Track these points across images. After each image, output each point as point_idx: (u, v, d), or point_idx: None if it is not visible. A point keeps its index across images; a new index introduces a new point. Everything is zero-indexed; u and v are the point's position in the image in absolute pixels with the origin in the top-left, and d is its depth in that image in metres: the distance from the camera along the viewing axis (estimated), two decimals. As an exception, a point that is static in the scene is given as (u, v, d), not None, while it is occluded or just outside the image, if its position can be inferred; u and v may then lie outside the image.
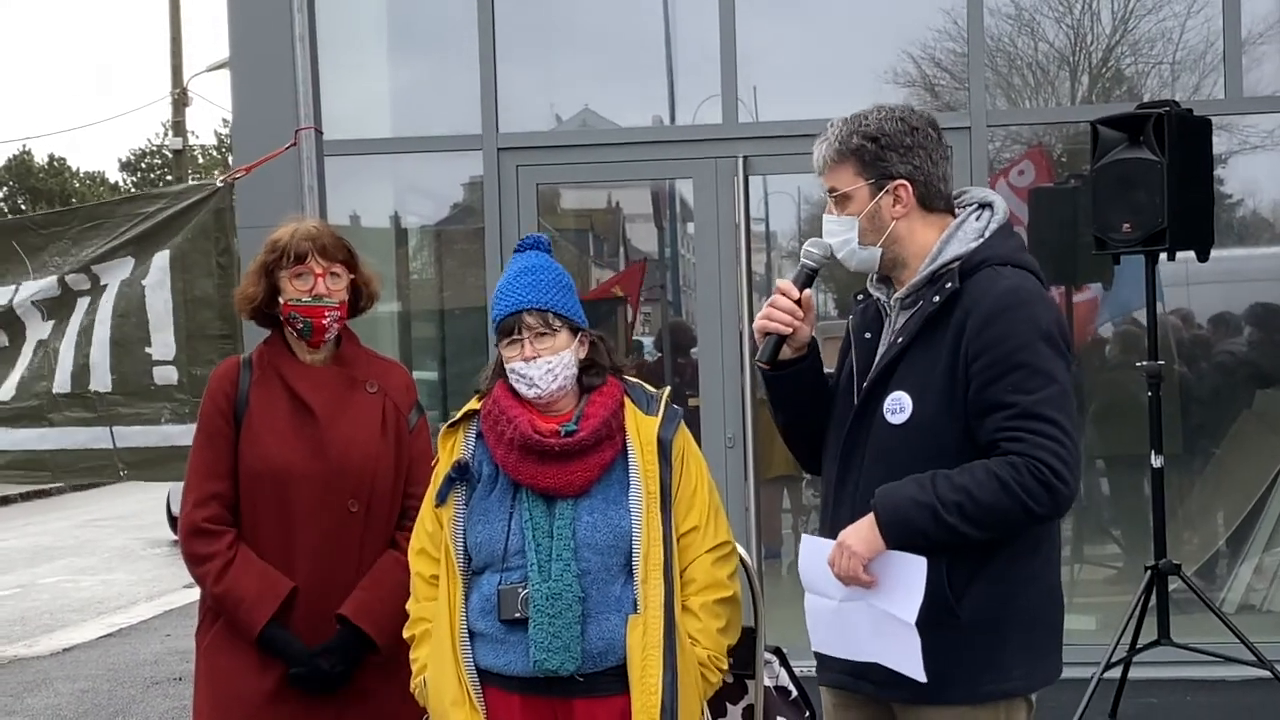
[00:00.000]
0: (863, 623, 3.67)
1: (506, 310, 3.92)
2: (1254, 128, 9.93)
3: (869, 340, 3.88)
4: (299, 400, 4.52)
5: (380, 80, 10.55)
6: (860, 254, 3.81)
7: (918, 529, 3.53)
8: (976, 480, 3.50)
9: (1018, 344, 3.57)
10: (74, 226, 6.25)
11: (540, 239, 4.11)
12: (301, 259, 4.51)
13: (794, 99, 9.71)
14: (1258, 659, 7.49)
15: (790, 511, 10.75)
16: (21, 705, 9.97)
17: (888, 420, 3.71)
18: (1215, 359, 10.14)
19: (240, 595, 4.41)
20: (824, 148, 3.83)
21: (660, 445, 3.92)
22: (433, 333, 10.99)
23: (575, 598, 3.77)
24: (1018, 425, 3.52)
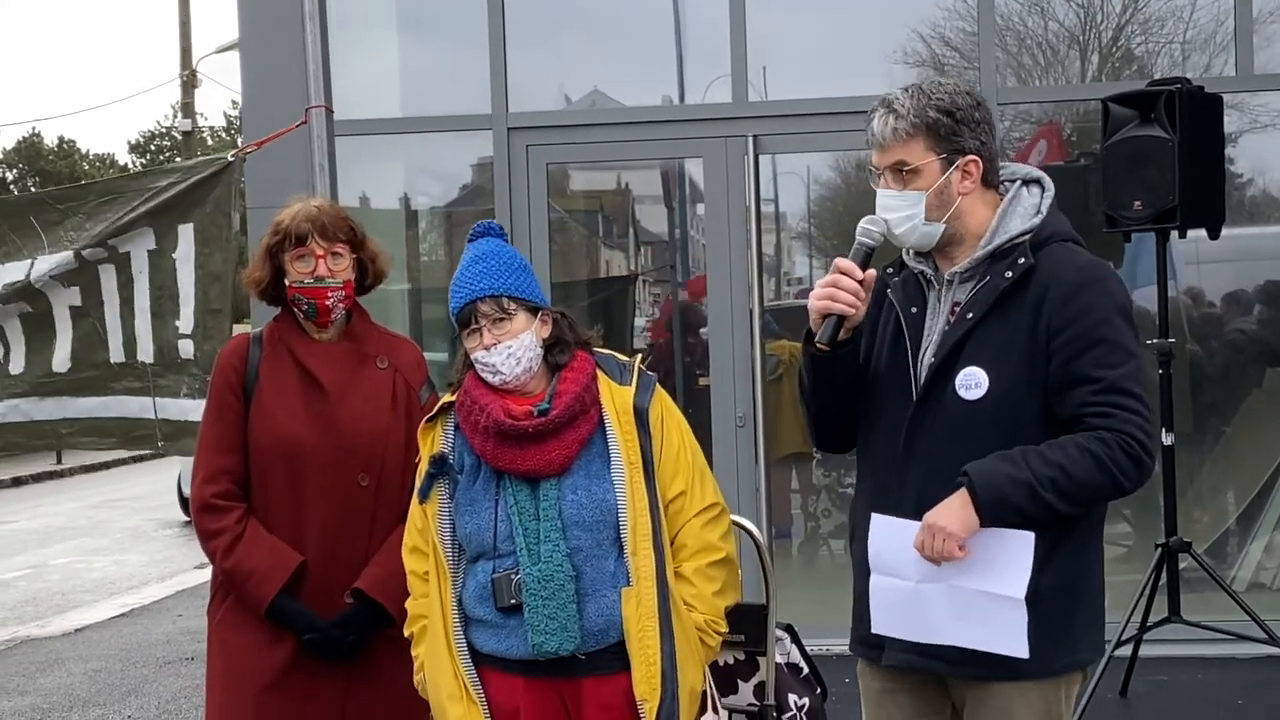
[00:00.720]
0: (940, 605, 3.66)
1: (461, 302, 3.90)
2: (1264, 106, 9.91)
3: (916, 315, 3.83)
4: (309, 376, 4.53)
5: (390, 60, 10.54)
6: (923, 230, 3.74)
7: (1013, 505, 3.52)
8: (1069, 456, 3.51)
9: (1100, 318, 3.59)
10: (89, 201, 6.27)
11: (491, 225, 4.05)
12: (302, 241, 4.51)
13: (803, 78, 9.67)
14: (1269, 636, 7.50)
15: (799, 492, 10.73)
16: (34, 685, 10.00)
17: (961, 396, 3.67)
18: (1226, 337, 10.12)
19: (249, 569, 4.43)
20: (891, 120, 3.72)
21: (637, 414, 3.90)
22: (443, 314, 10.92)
23: (568, 577, 3.77)
24: (1105, 400, 3.54)
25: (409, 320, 10.51)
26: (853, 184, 10.73)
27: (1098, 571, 3.80)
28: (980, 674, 3.69)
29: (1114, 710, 7.69)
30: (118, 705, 9.31)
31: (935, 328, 3.79)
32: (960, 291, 3.77)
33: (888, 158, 3.75)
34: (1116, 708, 7.74)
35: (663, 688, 3.74)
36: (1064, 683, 3.75)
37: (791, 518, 10.57)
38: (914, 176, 3.72)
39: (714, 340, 9.57)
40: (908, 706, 3.92)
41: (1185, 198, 7.36)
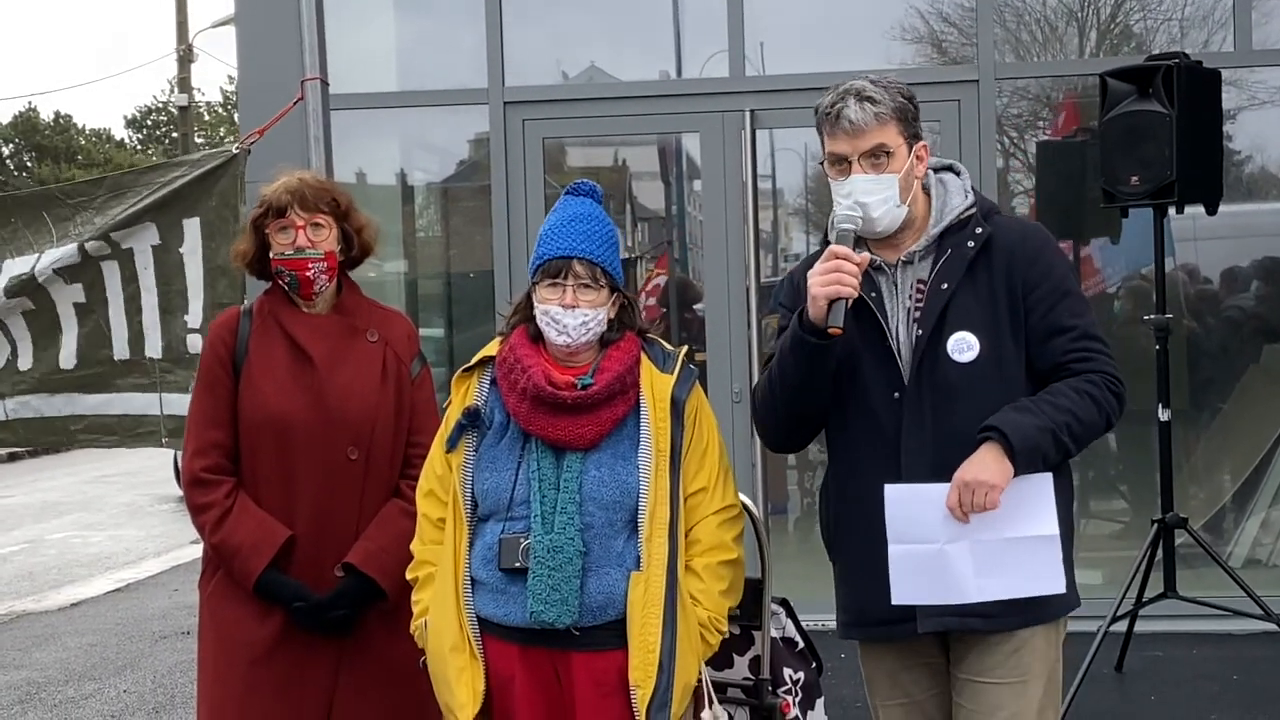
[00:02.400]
0: (966, 564, 3.75)
1: (557, 252, 3.89)
2: (1263, 83, 9.91)
3: (877, 299, 3.89)
4: (298, 349, 4.52)
5: (386, 34, 10.53)
6: (895, 213, 3.88)
7: (1042, 452, 3.70)
8: (1075, 401, 3.74)
9: (1062, 273, 3.92)
10: (99, 196, 6.28)
11: (594, 187, 4.05)
12: (282, 212, 4.50)
13: (801, 53, 9.68)
14: (1264, 612, 7.50)
15: (795, 468, 10.73)
16: (30, 659, 10.02)
17: (955, 360, 3.80)
18: (1223, 314, 10.13)
19: (237, 544, 4.42)
20: (870, 107, 3.82)
21: (674, 404, 3.90)
22: (439, 291, 10.99)
23: (576, 551, 3.77)
24: (1083, 346, 3.82)
25: (404, 297, 10.51)
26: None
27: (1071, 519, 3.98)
28: (1014, 624, 3.80)
29: (1109, 685, 7.71)
30: (113, 679, 9.32)
31: (898, 307, 3.89)
32: (920, 270, 3.88)
33: (866, 142, 3.84)
34: (1112, 682, 7.77)
35: (658, 677, 3.73)
36: (1058, 627, 3.92)
37: (788, 493, 10.58)
38: (889, 160, 3.85)
39: (711, 317, 9.57)
40: (926, 678, 3.99)
41: (1183, 173, 7.36)
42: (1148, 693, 7.72)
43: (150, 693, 8.91)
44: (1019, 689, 3.80)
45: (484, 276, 9.90)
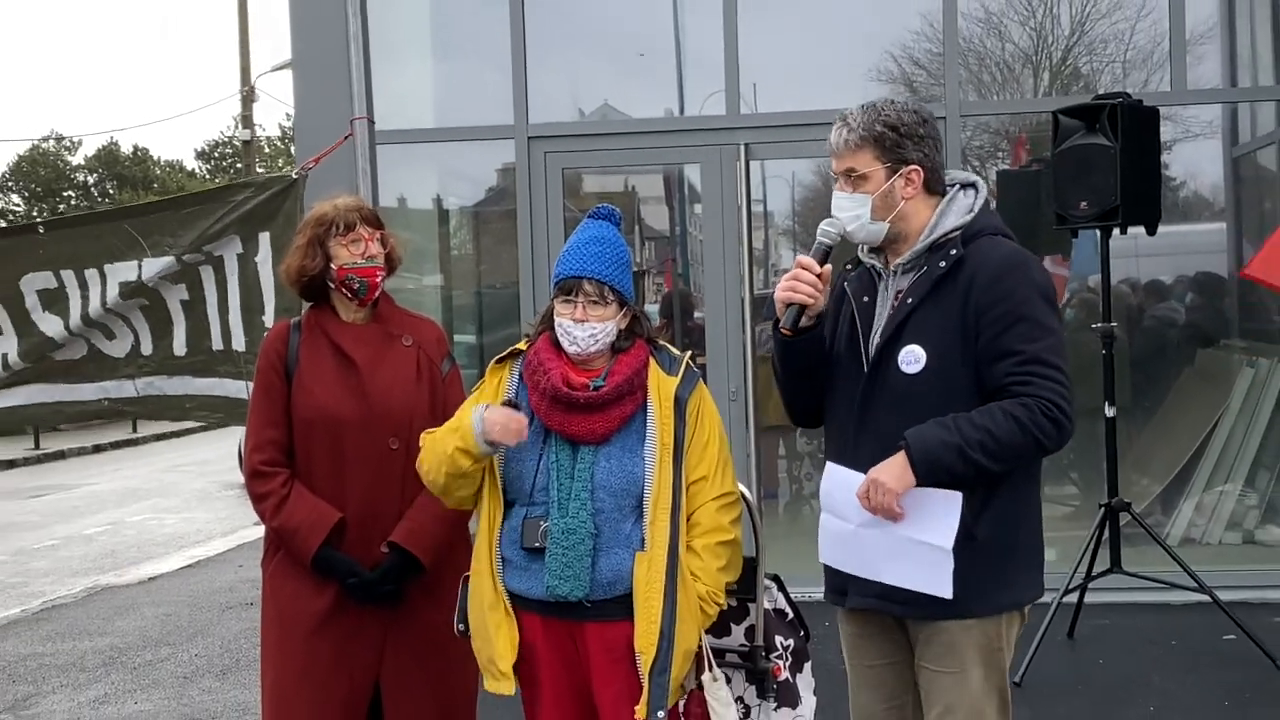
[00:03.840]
0: (879, 547, 3.70)
1: (570, 272, 3.92)
2: (1195, 118, 9.96)
3: (867, 303, 3.87)
4: (343, 354, 4.53)
5: (424, 77, 10.55)
6: (870, 228, 3.81)
7: (945, 466, 3.55)
8: (995, 420, 3.55)
9: (1021, 299, 3.63)
10: (177, 211, 6.38)
11: (613, 212, 4.06)
12: (352, 227, 4.54)
13: (789, 93, 9.67)
14: (1198, 585, 7.51)
15: (785, 458, 10.74)
16: (113, 627, 10.03)
17: (902, 370, 3.71)
18: (1161, 322, 10.15)
19: (295, 526, 4.44)
20: (844, 132, 3.81)
21: (677, 402, 3.92)
22: (471, 301, 11.00)
23: (588, 533, 3.79)
24: (1026, 370, 3.58)
25: (441, 306, 10.52)
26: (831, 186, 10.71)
27: (1034, 523, 3.85)
28: (929, 614, 3.73)
29: (1062, 650, 7.70)
30: (185, 645, 9.32)
31: (883, 313, 3.83)
32: (903, 281, 3.82)
33: (842, 164, 3.84)
34: (1064, 648, 7.75)
35: (659, 645, 3.76)
36: (1004, 620, 3.78)
37: (778, 481, 10.59)
38: (862, 181, 3.80)
39: (710, 324, 9.57)
40: (875, 650, 3.96)
41: (1126, 198, 7.37)
42: (1096, 656, 7.70)
43: (218, 656, 8.91)
44: (959, 678, 3.74)
45: (510, 289, 9.93)
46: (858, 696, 4.03)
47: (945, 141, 8.97)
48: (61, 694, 8.18)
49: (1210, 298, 10.23)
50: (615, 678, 3.82)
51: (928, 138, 3.82)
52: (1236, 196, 10.62)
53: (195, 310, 6.45)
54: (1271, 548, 9.47)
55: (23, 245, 6.47)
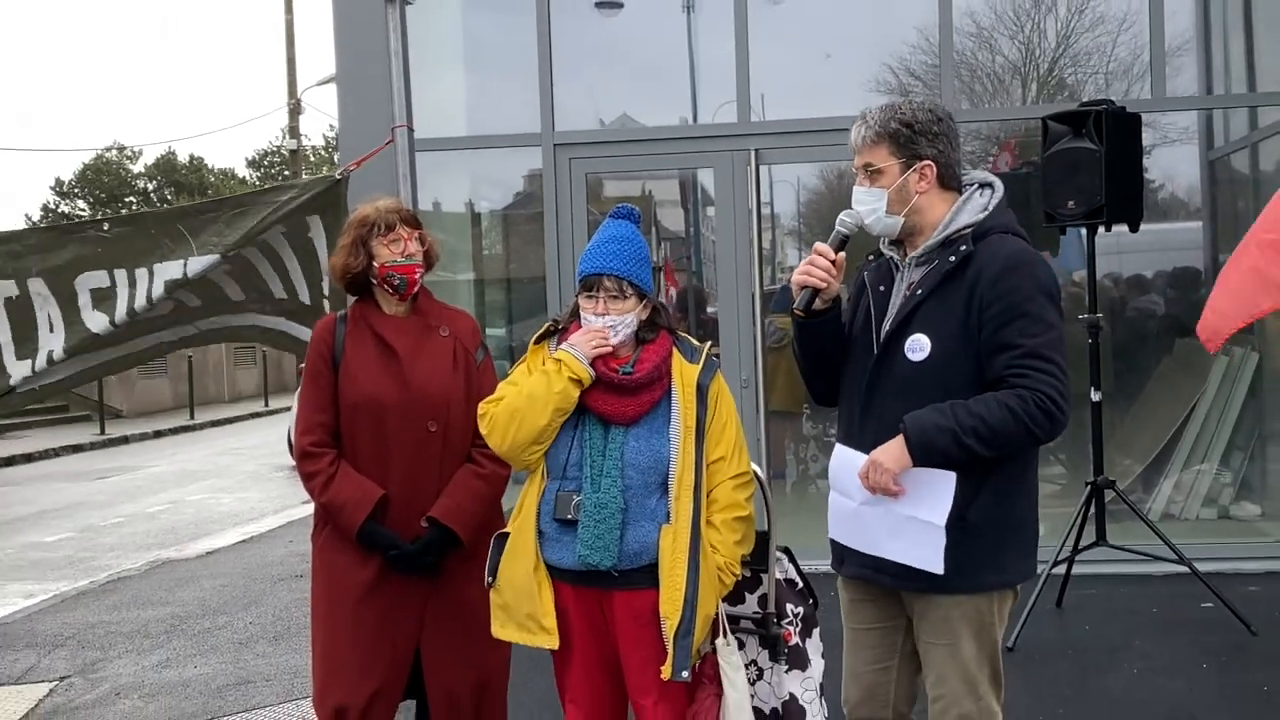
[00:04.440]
0: (880, 524, 3.69)
1: (590, 269, 3.93)
2: (1173, 124, 9.93)
3: (883, 292, 3.85)
4: (385, 344, 4.55)
5: (457, 89, 10.54)
6: (885, 221, 3.78)
7: (940, 449, 3.52)
8: (990, 409, 3.51)
9: (1023, 296, 3.58)
10: (225, 212, 6.33)
11: (633, 211, 4.05)
12: (392, 228, 4.57)
13: (795, 103, 9.65)
14: (1178, 557, 7.49)
15: (792, 441, 10.73)
16: (174, 597, 10.05)
17: (908, 358, 3.69)
18: (1143, 313, 10.13)
19: (341, 502, 4.45)
20: (863, 130, 3.79)
21: (699, 389, 3.92)
22: (501, 297, 11.01)
23: (618, 508, 3.80)
24: (1024, 364, 3.54)
25: (474, 301, 10.53)
26: (834, 189, 10.73)
27: (1028, 508, 3.80)
28: (918, 587, 3.72)
29: (1051, 618, 7.67)
30: (241, 613, 9.34)
31: (895, 303, 3.80)
32: (916, 273, 3.79)
33: (860, 159, 3.82)
34: (1053, 616, 7.72)
35: (683, 610, 3.77)
36: (995, 598, 3.75)
37: (786, 461, 10.57)
38: (879, 176, 3.78)
39: (723, 318, 9.57)
40: (871, 615, 3.95)
41: (1111, 198, 7.37)
42: (1083, 623, 7.67)
43: (270, 624, 8.93)
44: (951, 649, 3.73)
45: (537, 285, 9.93)
46: (849, 657, 4.03)
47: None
48: (127, 658, 8.20)
49: (1187, 291, 10.19)
50: (641, 641, 3.84)
51: (942, 135, 3.78)
52: (1212, 197, 10.57)
53: (245, 275, 6.38)
54: (1245, 522, 9.47)
55: (84, 245, 6.41)
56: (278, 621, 8.99)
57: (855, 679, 4.00)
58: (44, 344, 6.32)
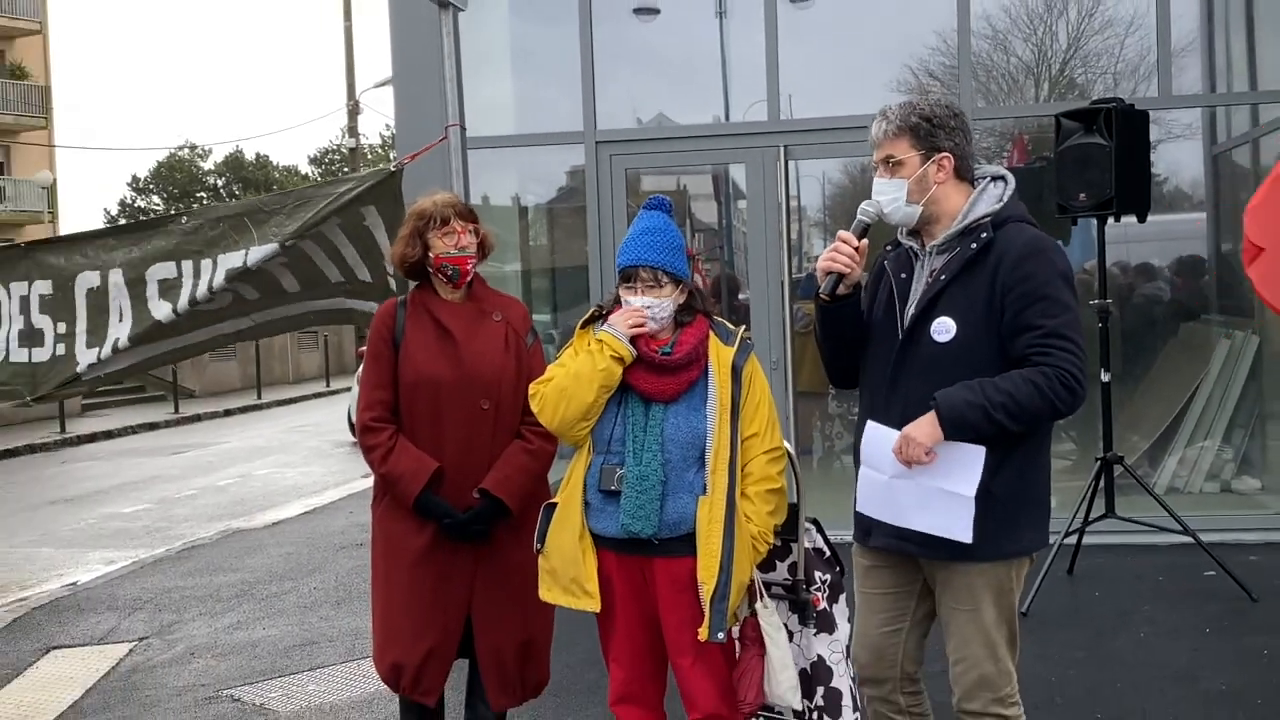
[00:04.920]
0: (909, 496, 3.67)
1: (627, 261, 3.93)
2: (1177, 120, 9.87)
3: (904, 279, 3.82)
4: (442, 327, 4.56)
5: (504, 90, 10.54)
6: (905, 210, 3.75)
7: (970, 424, 3.52)
8: (1016, 386, 3.51)
9: (1043, 280, 3.57)
10: (288, 205, 6.29)
11: (664, 201, 4.04)
12: (446, 221, 4.57)
13: (820, 102, 9.63)
14: (1183, 529, 7.45)
15: (818, 419, 10.70)
16: (243, 564, 10.12)
17: (934, 340, 3.66)
18: (1149, 299, 10.07)
19: (399, 473, 4.47)
20: (884, 124, 3.77)
21: (733, 369, 3.91)
22: (546, 286, 11.02)
23: (658, 480, 3.81)
24: (1045, 343, 3.53)
25: (521, 290, 10.54)
26: (857, 183, 10.68)
27: (1043, 480, 3.78)
28: (941, 556, 3.70)
29: (1063, 585, 7.64)
30: (305, 579, 9.40)
31: (918, 289, 3.78)
32: (937, 261, 3.76)
33: (881, 152, 3.79)
34: (1065, 583, 7.69)
35: (719, 576, 3.77)
36: (1013, 565, 3.74)
37: (813, 438, 10.55)
38: (899, 167, 3.75)
39: (754, 304, 9.57)
40: (887, 581, 3.93)
41: (1119, 191, 7.31)
42: (1093, 590, 7.64)
43: (333, 590, 8.98)
44: (972, 614, 3.71)
45: (580, 274, 9.95)
46: (861, 620, 4.02)
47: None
48: (201, 621, 8.27)
49: (1192, 278, 10.15)
50: (679, 605, 3.85)
51: (958, 129, 3.77)
52: (1215, 189, 10.50)
53: (299, 264, 6.30)
54: (1245, 495, 9.41)
55: (162, 238, 6.41)
56: (339, 587, 9.04)
57: (864, 641, 3.98)
58: (112, 333, 6.33)
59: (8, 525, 13.44)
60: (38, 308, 6.45)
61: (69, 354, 6.39)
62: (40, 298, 6.43)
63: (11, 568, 10.99)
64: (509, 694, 4.63)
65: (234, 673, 6.97)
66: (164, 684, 6.86)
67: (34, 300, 6.43)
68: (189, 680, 6.89)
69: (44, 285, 6.46)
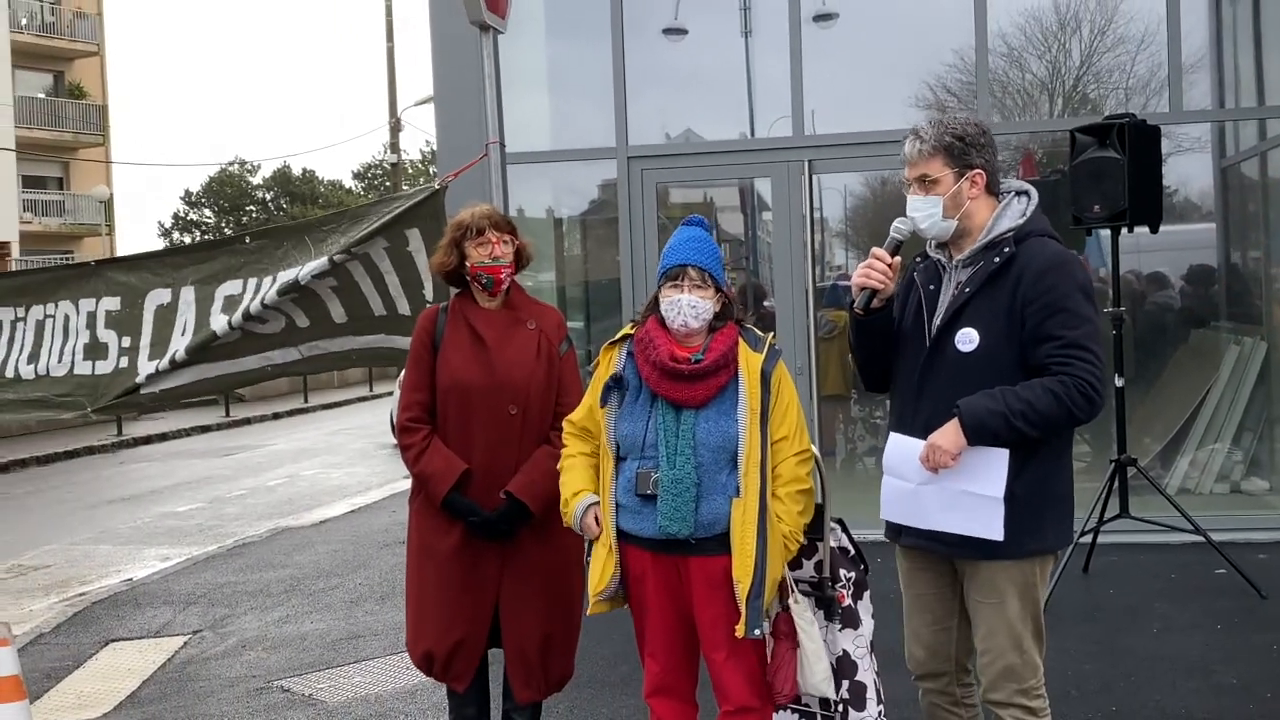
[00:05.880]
0: (935, 501, 3.69)
1: (678, 261, 3.94)
2: (1187, 135, 9.80)
3: (933, 291, 3.84)
4: (476, 334, 4.58)
5: (541, 108, 10.56)
6: (941, 225, 3.76)
7: (991, 430, 3.55)
8: (1035, 394, 3.54)
9: (1063, 293, 3.60)
10: (344, 223, 6.32)
11: (703, 220, 4.09)
12: (481, 232, 4.59)
13: (843, 117, 9.61)
14: (1194, 528, 7.42)
15: (841, 423, 10.67)
16: (291, 561, 10.16)
17: (958, 349, 3.69)
18: (1161, 307, 10.01)
19: (431, 473, 4.51)
20: (918, 144, 3.77)
21: (762, 375, 3.90)
22: (579, 295, 11.02)
23: (692, 482, 3.80)
24: (1065, 353, 3.56)
25: (556, 299, 10.54)
26: (878, 195, 10.65)
27: (1064, 482, 3.79)
28: (970, 555, 3.72)
29: (1079, 582, 7.61)
30: (351, 575, 9.43)
31: (944, 300, 3.79)
32: (963, 273, 3.77)
33: (915, 171, 3.79)
34: (1081, 580, 7.66)
35: (754, 575, 3.76)
36: (1037, 562, 3.75)
37: (836, 441, 10.52)
38: (934, 185, 3.76)
39: (779, 311, 9.56)
40: (929, 582, 3.95)
41: (1133, 203, 7.30)
42: (1108, 587, 7.59)
43: (377, 585, 9.01)
44: (999, 607, 3.73)
45: (612, 284, 9.95)
46: (911, 619, 4.03)
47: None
48: (252, 615, 8.31)
49: (1201, 286, 10.08)
50: (713, 602, 3.85)
51: (987, 145, 3.78)
52: (1224, 201, 10.40)
53: (348, 291, 6.28)
54: (1254, 496, 9.35)
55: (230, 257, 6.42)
56: (383, 583, 9.06)
57: (918, 639, 4.00)
58: (173, 345, 6.34)
59: (68, 524, 13.55)
60: (104, 323, 6.47)
61: (131, 366, 6.41)
62: (107, 313, 6.46)
63: (72, 564, 11.08)
64: (533, 687, 4.65)
65: (284, 664, 7.00)
66: (217, 675, 6.89)
67: (100, 316, 6.46)
68: (241, 671, 6.92)
69: (112, 301, 6.49)
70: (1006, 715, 3.74)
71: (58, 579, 10.44)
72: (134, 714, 6.33)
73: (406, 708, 6.10)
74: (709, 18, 10.18)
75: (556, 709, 5.56)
